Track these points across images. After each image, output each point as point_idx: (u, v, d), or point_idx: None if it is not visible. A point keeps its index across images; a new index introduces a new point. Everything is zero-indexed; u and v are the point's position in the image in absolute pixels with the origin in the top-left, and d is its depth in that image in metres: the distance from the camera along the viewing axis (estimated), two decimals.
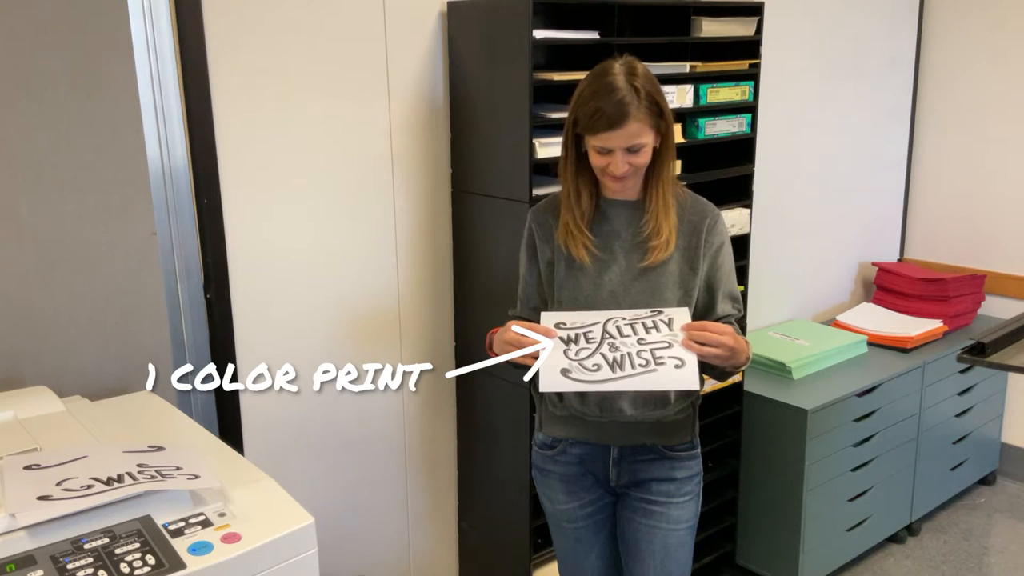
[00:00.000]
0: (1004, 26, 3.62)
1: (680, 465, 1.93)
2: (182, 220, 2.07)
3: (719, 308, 1.87)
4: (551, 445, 1.96)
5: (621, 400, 1.85)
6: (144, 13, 1.95)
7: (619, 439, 1.91)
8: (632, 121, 1.71)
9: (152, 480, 1.38)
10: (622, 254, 1.84)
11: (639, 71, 1.75)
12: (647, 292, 1.82)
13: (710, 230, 1.85)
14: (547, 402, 1.94)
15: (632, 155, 1.75)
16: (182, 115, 2.03)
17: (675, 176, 1.85)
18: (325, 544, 1.53)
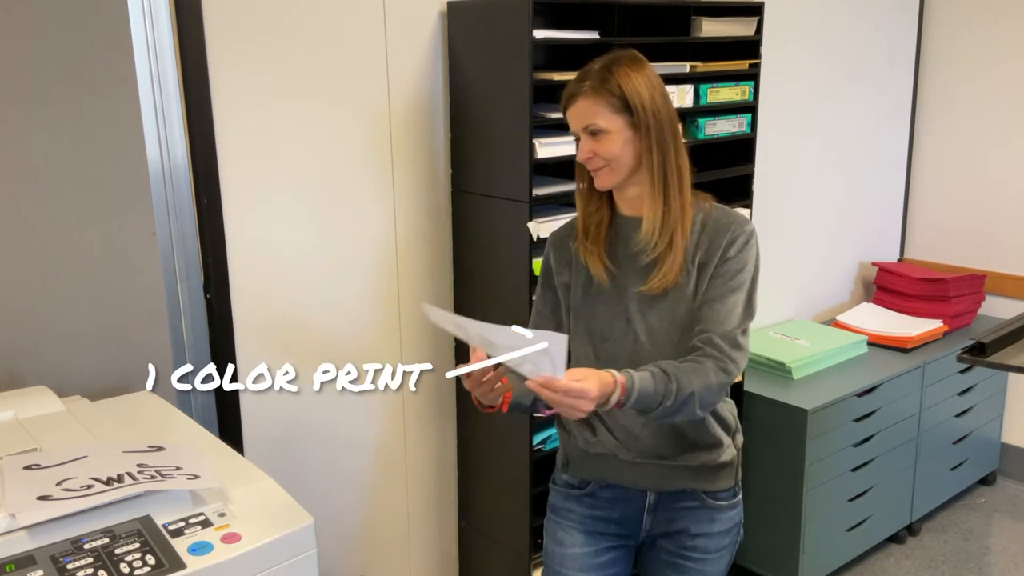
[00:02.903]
0: (1004, 26, 3.62)
1: (721, 516, 1.77)
2: (182, 220, 2.07)
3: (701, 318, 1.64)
4: (579, 486, 1.81)
5: (662, 444, 1.72)
6: (144, 13, 1.95)
7: (657, 483, 1.76)
8: (584, 98, 1.63)
9: (152, 480, 1.38)
10: (634, 277, 1.70)
11: (623, 60, 1.65)
12: (666, 320, 1.67)
13: (731, 243, 1.66)
14: (578, 438, 1.79)
15: (595, 141, 1.64)
16: (182, 115, 2.03)
17: (687, 189, 1.68)
18: (325, 544, 1.53)
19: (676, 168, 1.66)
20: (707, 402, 1.61)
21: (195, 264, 2.11)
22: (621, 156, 1.64)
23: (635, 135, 1.64)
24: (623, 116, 1.63)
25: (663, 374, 1.57)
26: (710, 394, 1.60)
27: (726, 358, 1.61)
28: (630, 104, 1.63)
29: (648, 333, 1.69)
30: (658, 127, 1.64)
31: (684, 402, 1.57)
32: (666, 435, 1.71)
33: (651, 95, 1.64)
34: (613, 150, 1.64)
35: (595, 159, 1.66)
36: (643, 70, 1.66)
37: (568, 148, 2.28)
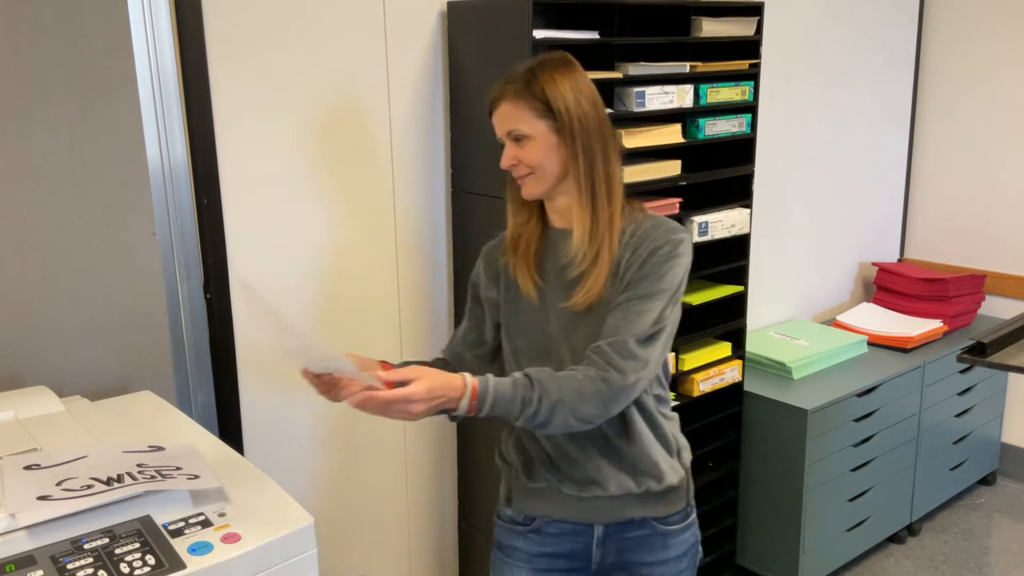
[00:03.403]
0: (1004, 26, 3.62)
1: (674, 541, 1.71)
2: (182, 220, 2.07)
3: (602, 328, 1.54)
4: (523, 522, 1.73)
5: (604, 477, 1.65)
6: (144, 13, 1.95)
7: (604, 516, 1.68)
8: (506, 102, 1.57)
9: (152, 480, 1.38)
10: (561, 292, 1.62)
11: (549, 63, 1.57)
12: (593, 338, 1.57)
13: (654, 251, 1.56)
14: (519, 474, 1.72)
15: (519, 147, 1.57)
16: (182, 115, 2.03)
17: (618, 198, 1.60)
18: (325, 544, 1.52)
19: (604, 177, 1.58)
20: (585, 413, 1.49)
21: (195, 264, 2.11)
22: (545, 163, 1.57)
23: (560, 141, 1.56)
24: (546, 121, 1.56)
25: (526, 380, 1.49)
26: (586, 404, 1.49)
27: (610, 367, 1.50)
28: (553, 109, 1.55)
29: (573, 352, 1.60)
30: (584, 133, 1.56)
31: (552, 411, 1.47)
32: (606, 462, 1.64)
33: (576, 99, 1.56)
34: (536, 157, 1.57)
35: (519, 166, 1.59)
36: (570, 74, 1.58)
37: None
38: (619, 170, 1.62)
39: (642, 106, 2.39)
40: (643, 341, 1.52)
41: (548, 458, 1.68)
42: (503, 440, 1.79)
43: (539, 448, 1.69)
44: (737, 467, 2.99)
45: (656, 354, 1.55)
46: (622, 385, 1.50)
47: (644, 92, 2.39)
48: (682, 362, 2.72)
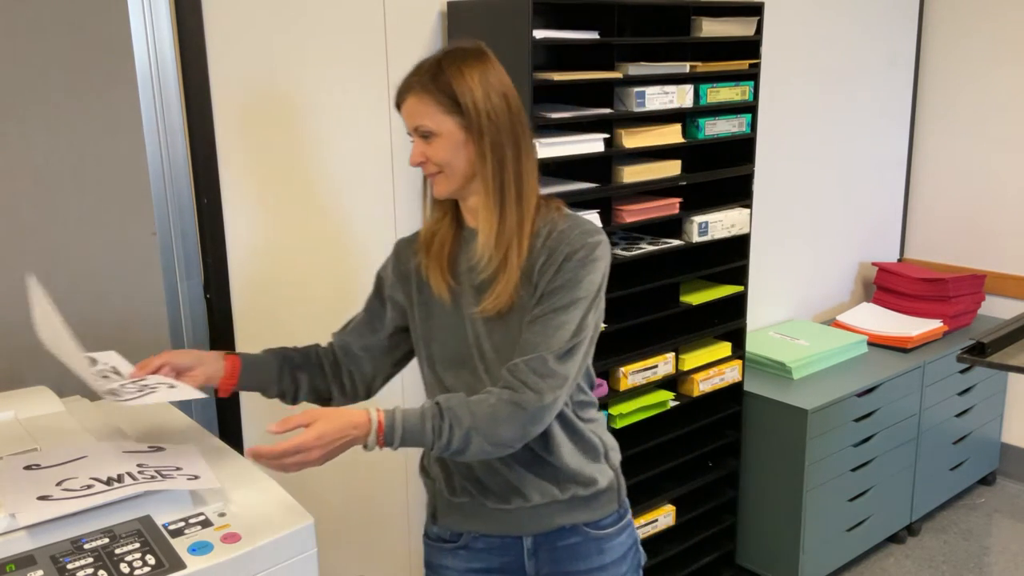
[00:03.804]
0: (1004, 26, 3.62)
1: (609, 545, 1.63)
2: (182, 220, 2.07)
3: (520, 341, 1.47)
4: (451, 539, 1.67)
5: (526, 486, 1.58)
6: (144, 13, 1.95)
7: (531, 526, 1.60)
8: (412, 96, 1.48)
9: (152, 480, 1.38)
10: (472, 297, 1.55)
11: (458, 55, 1.49)
12: (507, 347, 1.51)
13: (568, 256, 1.47)
14: (442, 488, 1.65)
15: (426, 143, 1.49)
16: (182, 115, 2.03)
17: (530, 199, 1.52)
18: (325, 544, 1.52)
19: (515, 176, 1.50)
20: (502, 438, 1.43)
21: (195, 264, 2.11)
22: (454, 162, 1.49)
23: (468, 138, 1.48)
24: (454, 117, 1.47)
25: (435, 408, 1.42)
26: (501, 428, 1.42)
27: (526, 388, 1.42)
28: (460, 104, 1.46)
29: (484, 359, 1.53)
30: (494, 131, 1.48)
31: (465, 439, 1.41)
32: (526, 472, 1.57)
33: (486, 94, 1.47)
34: (444, 155, 1.49)
35: (428, 164, 1.51)
36: (481, 66, 1.49)
37: (569, 148, 2.28)
38: (533, 168, 1.54)
39: (642, 106, 2.39)
40: (562, 356, 1.45)
41: (468, 470, 1.60)
42: (424, 453, 1.73)
43: (456, 465, 1.62)
44: (737, 467, 2.98)
45: (576, 366, 1.48)
46: (539, 407, 1.43)
47: (644, 92, 2.39)
48: (682, 362, 2.72)
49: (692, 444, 2.86)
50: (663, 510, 2.77)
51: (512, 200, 1.50)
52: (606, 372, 2.56)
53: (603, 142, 2.34)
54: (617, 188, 2.41)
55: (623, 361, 2.54)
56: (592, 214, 2.37)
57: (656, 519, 2.75)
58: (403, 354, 1.72)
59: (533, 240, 1.52)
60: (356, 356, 1.70)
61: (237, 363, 1.63)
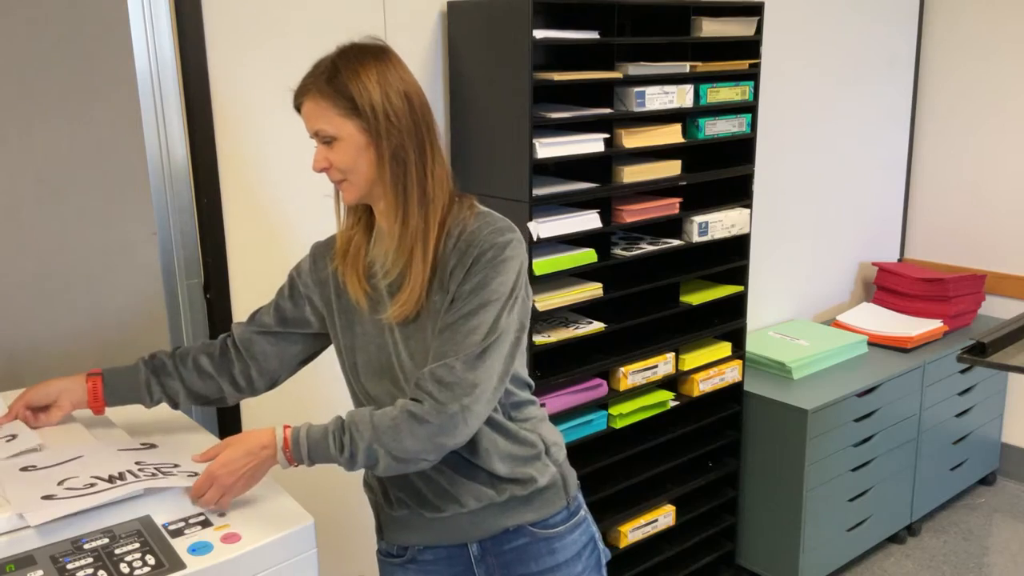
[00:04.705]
0: (1004, 26, 3.62)
1: (561, 544, 1.57)
2: (182, 220, 2.07)
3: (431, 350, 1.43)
4: (397, 554, 1.64)
5: (460, 492, 1.52)
6: (144, 13, 1.95)
7: (472, 532, 1.55)
8: (309, 99, 1.42)
9: (153, 478, 1.38)
10: (385, 302, 1.50)
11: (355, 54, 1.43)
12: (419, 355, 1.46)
13: (478, 258, 1.42)
14: (382, 503, 1.63)
15: (328, 149, 1.43)
16: (182, 115, 2.03)
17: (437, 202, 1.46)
18: (325, 544, 1.52)
19: (418, 179, 1.44)
20: (408, 451, 1.37)
21: (195, 264, 2.11)
22: (357, 166, 1.42)
23: (370, 142, 1.42)
24: (353, 120, 1.41)
25: (338, 423, 1.39)
26: (406, 441, 1.37)
27: (428, 399, 1.37)
28: (359, 107, 1.40)
29: (403, 368, 1.49)
30: (395, 133, 1.42)
31: (369, 453, 1.37)
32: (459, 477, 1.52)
33: (384, 95, 1.41)
34: (346, 160, 1.42)
35: (331, 170, 1.45)
36: (379, 65, 1.43)
37: (569, 148, 2.28)
38: (440, 170, 1.48)
39: (642, 106, 2.39)
40: (473, 361, 1.38)
41: (403, 480, 1.55)
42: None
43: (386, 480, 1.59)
44: (737, 467, 2.98)
45: (494, 371, 1.41)
46: (443, 418, 1.36)
47: (644, 92, 2.39)
48: (682, 362, 2.72)
49: (692, 444, 2.86)
50: (663, 510, 2.77)
51: (415, 203, 1.44)
52: (606, 372, 2.56)
53: (603, 142, 2.34)
54: (617, 188, 2.41)
55: (623, 361, 2.54)
56: (592, 214, 2.37)
57: (656, 519, 2.75)
58: (312, 353, 1.68)
59: (444, 242, 1.46)
60: (261, 352, 1.64)
61: (99, 383, 1.60)
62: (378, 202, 1.49)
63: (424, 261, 1.44)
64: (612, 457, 2.57)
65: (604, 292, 2.43)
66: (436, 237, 1.45)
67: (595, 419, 2.53)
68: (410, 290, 1.44)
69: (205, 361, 1.65)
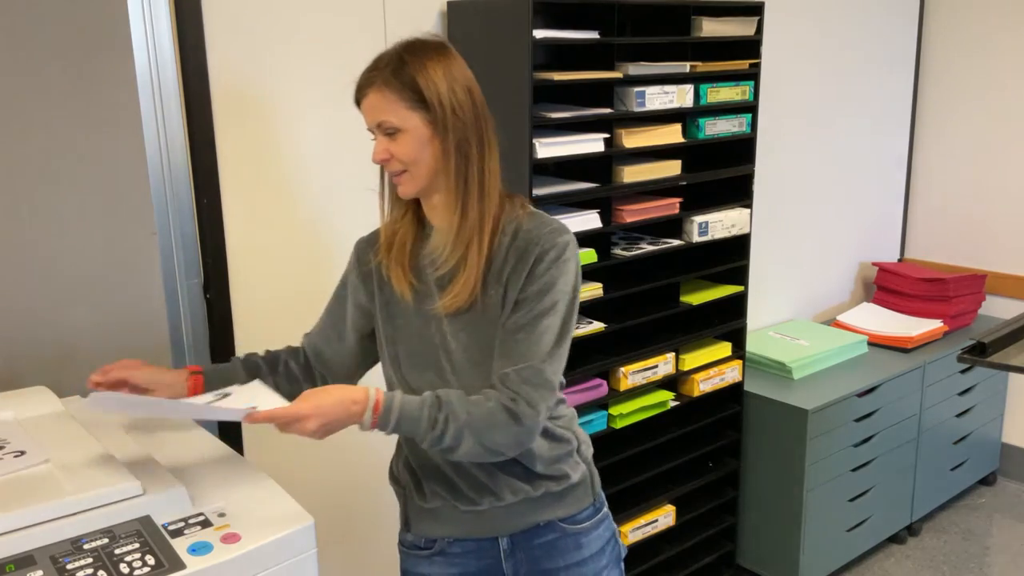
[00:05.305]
0: (1005, 26, 3.62)
1: (587, 539, 1.61)
2: (182, 220, 2.07)
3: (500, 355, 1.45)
4: (425, 546, 1.63)
5: (497, 485, 1.55)
6: (144, 13, 1.95)
7: (505, 526, 1.58)
8: (374, 91, 1.44)
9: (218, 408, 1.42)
10: (433, 294, 1.52)
11: (420, 48, 1.45)
12: (472, 347, 1.49)
13: (539, 259, 1.45)
14: (412, 495, 1.62)
15: (390, 140, 1.45)
16: (182, 115, 2.03)
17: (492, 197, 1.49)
18: (325, 544, 1.52)
19: (479, 174, 1.47)
20: (496, 442, 1.42)
21: (195, 264, 2.11)
22: (420, 159, 1.45)
23: (434, 135, 1.44)
24: (419, 113, 1.43)
25: (434, 399, 1.41)
26: (496, 433, 1.41)
27: (520, 398, 1.41)
28: (426, 99, 1.42)
29: (450, 360, 1.51)
30: (460, 126, 1.44)
31: (459, 435, 1.39)
32: (497, 470, 1.54)
33: (451, 89, 1.44)
34: (410, 152, 1.45)
35: (392, 161, 1.47)
36: (444, 60, 1.45)
37: (569, 148, 2.29)
38: (496, 164, 1.51)
39: (642, 106, 2.39)
40: (552, 362, 1.45)
41: (438, 472, 1.57)
42: (393, 459, 1.70)
43: (429, 463, 1.59)
44: (737, 467, 2.98)
45: (561, 370, 1.47)
46: (534, 420, 1.42)
47: (644, 92, 2.39)
48: (682, 362, 2.72)
49: (692, 444, 2.86)
50: (663, 510, 2.77)
51: (475, 197, 1.47)
52: (606, 372, 2.55)
53: (603, 142, 2.34)
54: (617, 188, 2.41)
55: (623, 361, 2.54)
56: (592, 214, 2.37)
57: (656, 519, 2.75)
58: (375, 355, 1.69)
59: (499, 238, 1.49)
60: (327, 360, 1.69)
61: (200, 381, 1.60)
62: (432, 195, 1.51)
63: (480, 254, 1.47)
64: (612, 457, 2.57)
65: (604, 292, 2.43)
66: (492, 231, 1.48)
67: (595, 419, 2.53)
68: (464, 282, 1.47)
69: (293, 366, 1.69)
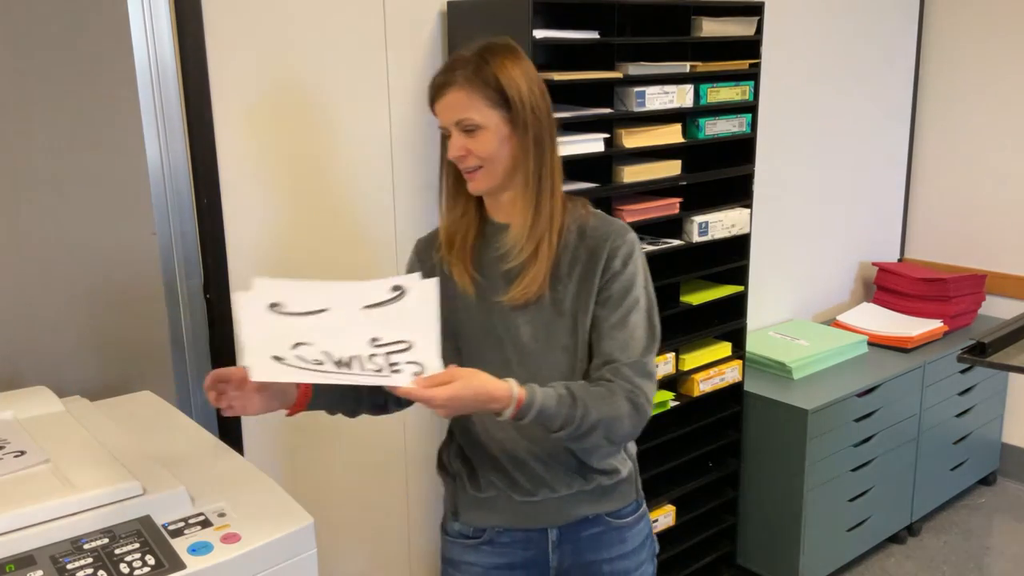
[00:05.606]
0: (1004, 26, 3.62)
1: (630, 534, 1.67)
2: (182, 220, 2.07)
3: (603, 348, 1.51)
4: (474, 535, 1.66)
5: (554, 478, 1.59)
6: (144, 13, 1.95)
7: (556, 518, 1.63)
8: (456, 89, 1.47)
9: (377, 374, 1.37)
10: (499, 287, 1.56)
11: (499, 49, 1.49)
12: (539, 337, 1.54)
13: (612, 255, 1.52)
14: (465, 484, 1.65)
15: (468, 137, 1.48)
16: (182, 115, 2.03)
17: (559, 193, 1.55)
18: (325, 544, 1.52)
19: (550, 171, 1.52)
20: (617, 434, 1.49)
21: (195, 264, 2.11)
22: (498, 156, 1.49)
23: (512, 133, 1.49)
24: (500, 111, 1.47)
25: (570, 397, 1.45)
26: (619, 426, 1.47)
27: (637, 389, 1.48)
28: (508, 98, 1.47)
29: (517, 350, 1.55)
30: (537, 125, 1.50)
31: (589, 431, 1.45)
32: (555, 462, 1.59)
33: (530, 88, 1.49)
34: (489, 149, 1.48)
35: (469, 158, 1.49)
36: (520, 61, 1.50)
37: (569, 147, 2.28)
38: (559, 163, 1.56)
39: (642, 106, 2.39)
40: (650, 355, 1.53)
41: (496, 463, 1.61)
42: (444, 449, 1.72)
43: (485, 454, 1.62)
44: (737, 467, 2.98)
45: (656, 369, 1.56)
46: (646, 408, 1.50)
47: (644, 92, 2.39)
48: (682, 362, 2.72)
49: (692, 444, 2.86)
50: (663, 510, 2.77)
51: (548, 194, 1.52)
52: None
53: (603, 142, 2.34)
54: (617, 188, 2.41)
55: None
56: None
57: (656, 519, 2.75)
58: None
59: (564, 235, 1.54)
60: None
61: (310, 388, 1.56)
62: (502, 192, 1.55)
63: (550, 249, 1.52)
64: None
65: None
66: (559, 228, 1.54)
67: None
68: (533, 276, 1.51)
69: None
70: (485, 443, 1.61)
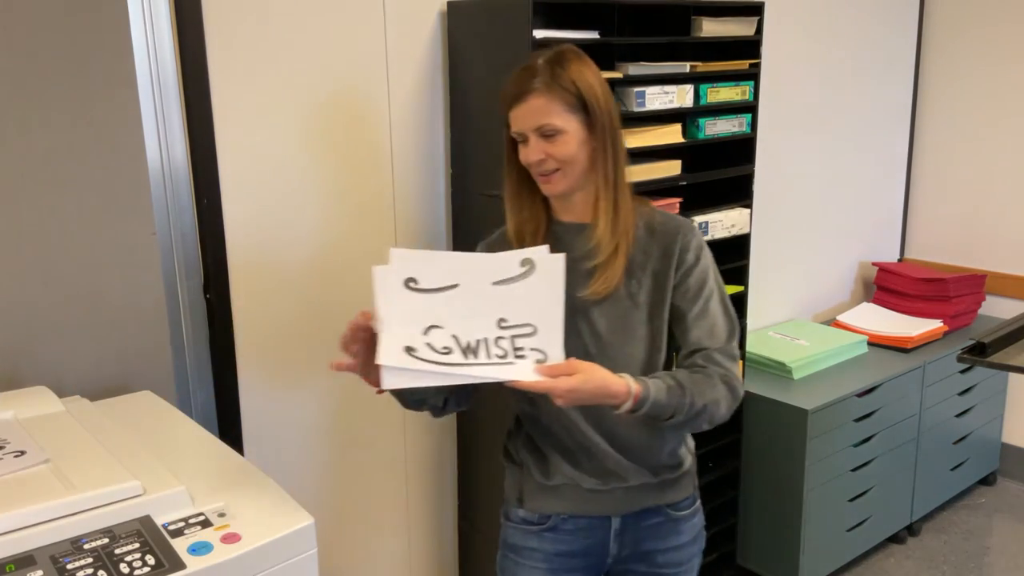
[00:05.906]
0: (1004, 26, 3.62)
1: (686, 526, 1.76)
2: (182, 220, 2.07)
3: (691, 338, 1.59)
4: (538, 522, 1.70)
5: (625, 468, 1.65)
6: (144, 13, 1.95)
7: (622, 507, 1.68)
8: (536, 96, 1.51)
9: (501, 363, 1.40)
10: (576, 283, 1.59)
11: (571, 55, 1.55)
12: (616, 330, 1.59)
13: (684, 248, 1.60)
14: (532, 473, 1.70)
15: (548, 142, 1.53)
16: (182, 115, 2.03)
17: (630, 193, 1.62)
18: (325, 544, 1.53)
19: (623, 172, 1.59)
20: (717, 417, 1.56)
21: (195, 264, 2.11)
22: (576, 159, 1.54)
23: (590, 136, 1.54)
24: (578, 115, 1.53)
25: (679, 388, 1.51)
26: (718, 409, 1.55)
27: (729, 373, 1.57)
28: (586, 102, 1.52)
29: (596, 342, 1.60)
30: (611, 127, 1.56)
31: (695, 416, 1.53)
32: (627, 453, 1.64)
33: (603, 92, 1.55)
34: (569, 152, 1.53)
35: (548, 161, 1.54)
36: (591, 65, 1.56)
37: None
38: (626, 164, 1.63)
39: (642, 106, 2.39)
40: (734, 340, 1.60)
41: (568, 453, 1.66)
42: (510, 439, 1.77)
43: (558, 443, 1.66)
44: (737, 467, 2.98)
45: None
46: (740, 391, 1.57)
47: (644, 92, 2.39)
48: None
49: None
50: None
51: (624, 192, 1.59)
52: None
53: None
54: None
55: None
56: None
57: None
58: None
59: (634, 232, 1.61)
60: None
61: None
62: (575, 193, 1.60)
63: (627, 245, 1.59)
64: None
65: None
66: (632, 225, 1.60)
67: None
68: (612, 271, 1.57)
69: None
70: (557, 433, 1.66)
